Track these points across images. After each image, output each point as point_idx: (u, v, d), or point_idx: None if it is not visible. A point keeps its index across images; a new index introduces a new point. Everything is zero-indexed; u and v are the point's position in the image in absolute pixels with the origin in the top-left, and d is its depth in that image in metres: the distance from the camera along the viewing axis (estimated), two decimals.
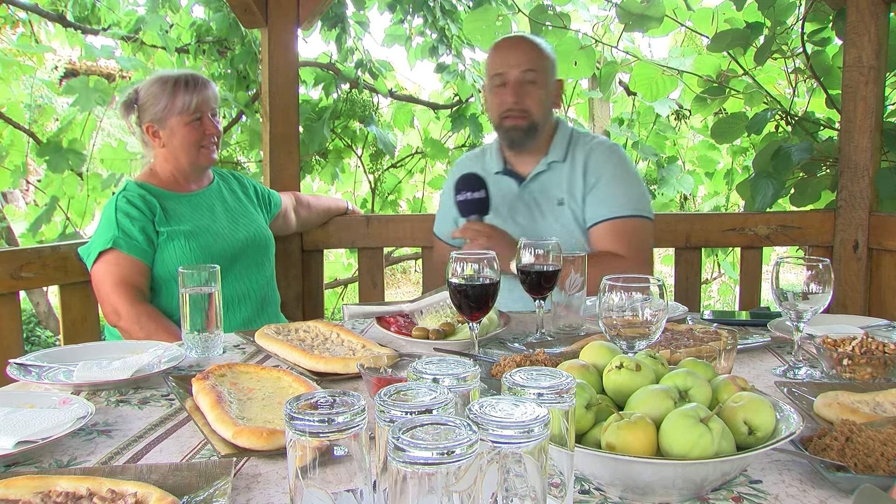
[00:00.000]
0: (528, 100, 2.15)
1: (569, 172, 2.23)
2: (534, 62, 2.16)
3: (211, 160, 2.27)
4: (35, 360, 1.49)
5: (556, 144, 2.26)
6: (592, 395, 0.96)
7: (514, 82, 2.15)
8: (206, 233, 2.19)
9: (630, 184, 2.21)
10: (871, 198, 2.66)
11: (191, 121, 2.19)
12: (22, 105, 3.70)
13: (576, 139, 2.28)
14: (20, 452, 1.04)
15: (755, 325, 1.78)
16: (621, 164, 2.23)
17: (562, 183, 2.23)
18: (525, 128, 2.17)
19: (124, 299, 2.03)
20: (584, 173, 2.21)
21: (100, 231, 2.13)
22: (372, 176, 3.95)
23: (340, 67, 3.74)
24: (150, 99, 2.19)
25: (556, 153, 2.25)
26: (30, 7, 3.87)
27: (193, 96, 2.18)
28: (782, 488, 0.93)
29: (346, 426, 0.69)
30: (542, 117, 2.20)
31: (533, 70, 2.15)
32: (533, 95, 2.16)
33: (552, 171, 2.25)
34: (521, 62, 2.16)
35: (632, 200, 2.17)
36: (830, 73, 2.98)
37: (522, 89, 2.15)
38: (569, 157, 2.25)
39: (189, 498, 0.89)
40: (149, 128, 2.22)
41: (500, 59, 2.19)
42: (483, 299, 1.45)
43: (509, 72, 2.16)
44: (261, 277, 2.32)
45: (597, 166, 2.20)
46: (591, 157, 2.22)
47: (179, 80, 2.20)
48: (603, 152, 2.23)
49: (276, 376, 1.33)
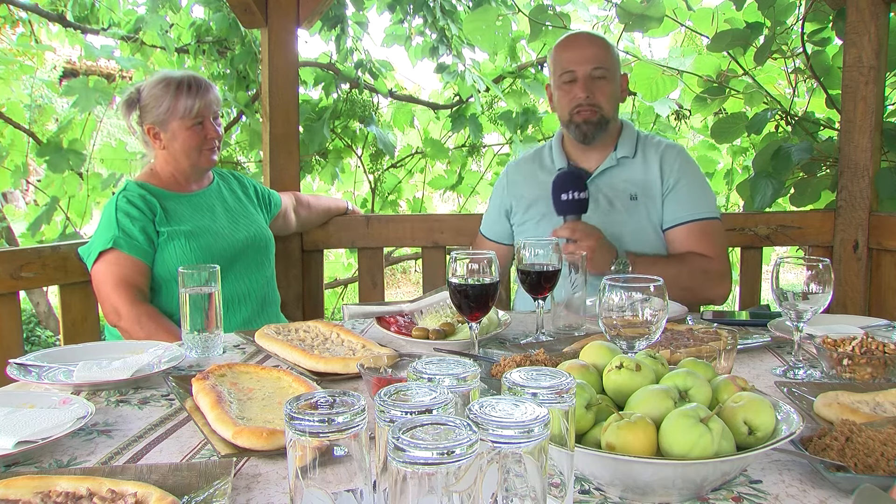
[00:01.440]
0: (599, 94, 2.18)
1: (642, 169, 2.25)
2: (602, 59, 2.19)
3: (212, 162, 2.27)
4: (35, 360, 1.49)
5: (624, 140, 2.27)
6: (592, 395, 0.96)
7: (585, 78, 2.17)
8: (206, 233, 2.19)
9: (707, 187, 2.28)
10: (871, 198, 2.66)
11: (192, 125, 2.19)
12: (22, 105, 3.71)
13: (643, 137, 2.32)
14: (20, 452, 1.04)
15: (755, 325, 1.78)
16: (695, 167, 2.29)
17: (634, 178, 2.24)
18: (596, 121, 2.19)
19: (125, 299, 2.03)
20: (661, 173, 2.23)
21: (100, 231, 2.13)
22: (372, 176, 3.95)
23: (340, 67, 3.74)
24: (151, 101, 2.19)
25: (626, 149, 2.26)
26: (30, 7, 3.87)
27: (196, 100, 2.18)
28: (782, 488, 0.93)
29: (346, 426, 0.69)
30: (612, 112, 2.23)
31: (602, 67, 2.18)
32: (604, 90, 2.18)
33: (622, 167, 2.26)
34: (591, 59, 2.17)
35: (711, 203, 2.24)
36: (830, 73, 2.98)
37: (593, 84, 2.18)
38: (639, 153, 2.27)
39: (189, 498, 0.89)
40: (150, 129, 2.22)
41: (569, 56, 2.21)
42: (483, 299, 1.45)
43: (579, 69, 2.18)
44: (261, 277, 2.32)
45: (674, 168, 2.23)
46: (667, 157, 2.25)
47: (182, 82, 2.19)
48: (678, 154, 2.27)
49: (276, 376, 1.33)
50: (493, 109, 3.91)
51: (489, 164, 4.08)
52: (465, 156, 4.03)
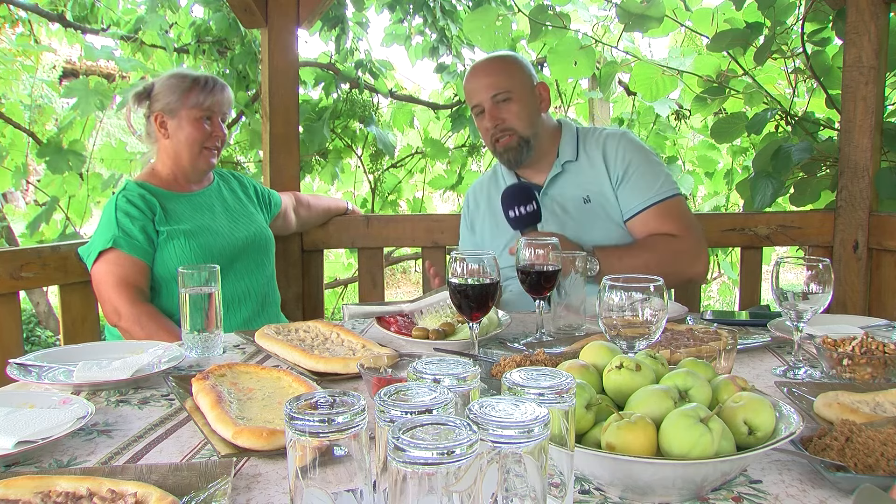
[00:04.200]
0: (508, 117, 2.16)
1: (588, 169, 2.21)
2: (499, 83, 2.16)
3: (210, 164, 2.28)
4: (35, 360, 1.49)
5: (564, 145, 2.25)
6: (592, 395, 0.96)
7: (490, 107, 2.17)
8: (205, 232, 2.19)
9: (657, 165, 2.20)
10: (871, 198, 2.66)
11: (200, 117, 2.22)
12: (22, 105, 3.71)
13: (583, 135, 2.28)
14: (20, 452, 1.04)
15: (755, 325, 1.78)
16: (640, 148, 2.21)
17: (582, 181, 2.21)
18: (516, 145, 2.18)
19: (125, 299, 2.03)
20: (606, 167, 2.18)
21: (100, 231, 2.13)
22: (372, 176, 3.95)
23: (340, 67, 3.74)
24: (164, 90, 2.22)
25: (568, 153, 2.24)
26: (30, 7, 3.87)
27: (208, 96, 2.22)
28: (782, 488, 0.93)
29: (346, 426, 0.69)
30: (529, 127, 2.19)
31: (501, 91, 2.15)
32: (511, 111, 2.16)
33: (568, 172, 2.24)
34: (487, 87, 2.17)
35: (666, 181, 2.16)
36: (830, 73, 2.98)
37: (498, 110, 2.16)
38: (581, 154, 2.24)
39: (189, 498, 0.89)
40: (157, 117, 2.23)
41: (470, 88, 2.22)
42: (483, 299, 1.45)
43: (482, 99, 2.18)
44: (261, 277, 2.32)
45: (617, 157, 2.18)
46: (608, 148, 2.20)
47: (199, 78, 2.24)
48: (619, 141, 2.21)
49: (276, 376, 1.33)
50: None
51: (489, 164, 4.08)
52: (465, 156, 4.03)
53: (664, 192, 2.14)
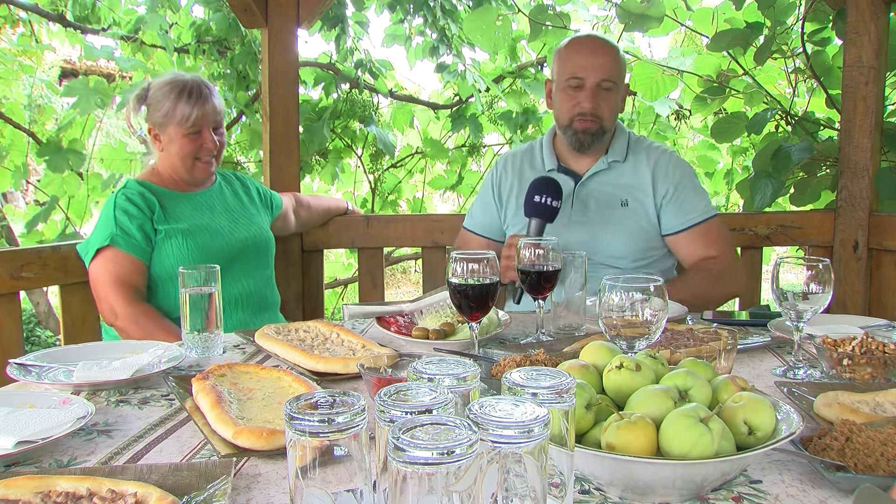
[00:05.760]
0: (604, 106, 2.16)
1: (632, 173, 2.24)
2: (612, 70, 2.15)
3: (207, 173, 2.26)
4: (35, 360, 1.49)
5: (615, 144, 2.26)
6: (592, 395, 0.96)
7: (593, 87, 2.14)
8: (204, 231, 2.18)
9: (698, 186, 2.29)
10: (871, 198, 2.66)
11: (189, 133, 2.18)
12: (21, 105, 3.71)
13: (634, 140, 2.31)
14: (20, 452, 1.04)
15: (755, 325, 1.78)
16: (689, 171, 2.29)
17: (624, 183, 2.23)
18: (595, 132, 2.18)
19: (121, 298, 2.03)
20: (654, 181, 2.22)
21: (98, 228, 2.13)
22: (372, 176, 3.95)
23: (340, 67, 3.74)
24: (154, 102, 2.19)
25: (617, 153, 2.25)
26: (30, 7, 3.87)
27: (193, 109, 2.16)
28: (782, 488, 0.93)
29: (346, 426, 0.69)
30: (612, 122, 2.22)
31: (611, 80, 2.15)
32: (609, 102, 2.17)
33: (612, 171, 2.25)
34: (601, 69, 2.13)
35: (707, 203, 2.27)
36: (830, 73, 2.98)
37: (599, 95, 2.15)
38: (629, 157, 2.26)
39: (189, 498, 0.89)
40: (150, 129, 2.22)
41: (580, 61, 2.15)
42: (483, 299, 1.45)
43: (589, 77, 2.13)
44: (260, 278, 2.32)
45: (668, 176, 2.22)
46: (660, 165, 2.24)
47: (184, 88, 2.17)
48: (670, 161, 2.26)
49: (276, 376, 1.33)
50: (493, 109, 3.91)
51: (489, 164, 4.07)
52: (465, 156, 4.03)
53: (707, 213, 2.23)
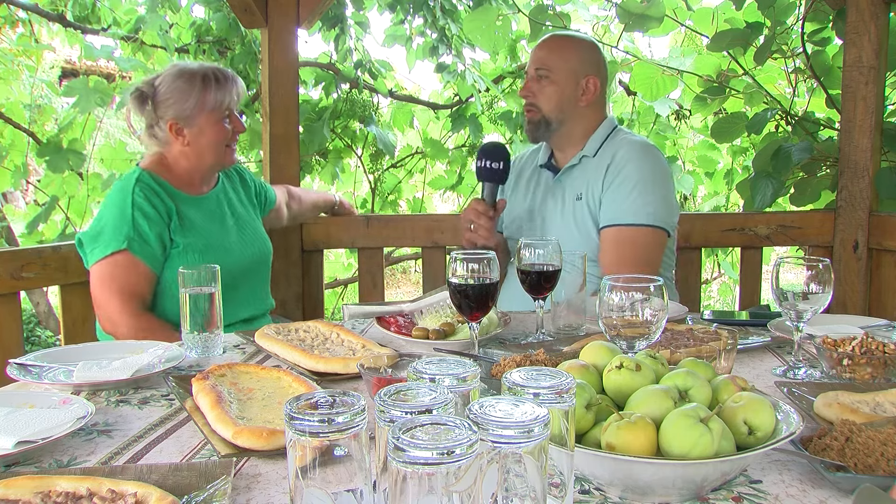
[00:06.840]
0: (539, 95, 2.21)
1: (594, 168, 2.19)
2: (545, 61, 2.21)
3: (233, 160, 2.23)
4: (35, 360, 1.49)
5: (592, 140, 2.24)
6: (592, 395, 0.96)
7: (530, 77, 2.24)
8: (218, 248, 2.13)
9: (649, 190, 2.07)
10: (871, 198, 2.66)
11: (221, 118, 2.12)
12: (22, 105, 3.71)
13: (612, 136, 2.23)
14: (20, 452, 1.04)
15: (755, 325, 1.77)
16: (646, 165, 2.11)
17: (586, 178, 2.21)
18: (536, 121, 2.22)
19: (125, 310, 1.96)
20: (606, 170, 2.14)
21: (110, 223, 2.00)
22: (372, 176, 3.94)
23: (340, 67, 3.74)
24: (174, 95, 2.08)
25: (590, 148, 2.24)
26: (30, 7, 3.87)
27: (225, 94, 2.10)
28: (782, 488, 0.93)
29: (346, 426, 0.69)
30: (557, 112, 2.21)
31: (543, 68, 2.20)
32: (543, 90, 2.20)
33: (581, 166, 2.24)
34: (537, 60, 2.23)
35: (646, 207, 2.05)
36: (830, 73, 2.98)
37: (534, 84, 2.22)
38: (600, 152, 2.22)
39: (189, 498, 0.89)
40: (172, 125, 2.10)
41: (531, 55, 2.29)
42: (483, 299, 1.45)
43: (528, 69, 2.26)
44: (261, 292, 2.31)
45: (617, 166, 2.11)
46: (617, 156, 2.14)
47: (208, 75, 2.10)
48: (630, 151, 2.13)
49: (276, 376, 1.33)
50: (493, 109, 3.91)
51: None
52: (464, 156, 4.03)
53: (637, 217, 2.04)
